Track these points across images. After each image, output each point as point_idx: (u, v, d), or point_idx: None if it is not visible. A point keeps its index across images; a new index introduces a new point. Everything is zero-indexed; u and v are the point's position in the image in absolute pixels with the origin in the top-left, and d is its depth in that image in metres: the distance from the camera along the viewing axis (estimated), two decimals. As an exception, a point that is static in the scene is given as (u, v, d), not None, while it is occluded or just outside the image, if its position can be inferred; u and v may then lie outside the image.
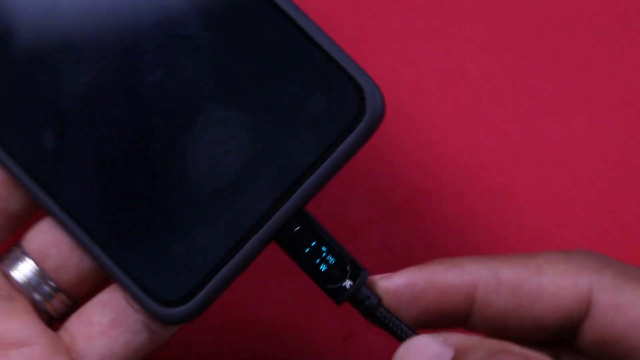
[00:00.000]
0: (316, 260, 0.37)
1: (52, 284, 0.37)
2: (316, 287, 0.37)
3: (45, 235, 0.36)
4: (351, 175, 0.46)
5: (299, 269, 0.37)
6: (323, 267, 0.37)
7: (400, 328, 0.36)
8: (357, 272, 0.37)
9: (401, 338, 0.36)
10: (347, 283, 0.37)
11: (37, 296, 0.37)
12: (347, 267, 0.37)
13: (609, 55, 0.48)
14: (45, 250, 0.36)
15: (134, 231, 0.36)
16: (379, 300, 0.37)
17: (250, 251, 0.36)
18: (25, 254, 0.37)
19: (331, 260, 0.37)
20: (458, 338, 0.34)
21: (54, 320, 0.38)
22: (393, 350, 0.35)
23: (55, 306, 0.37)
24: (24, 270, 0.36)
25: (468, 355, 0.33)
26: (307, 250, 0.36)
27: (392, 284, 0.37)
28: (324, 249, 0.37)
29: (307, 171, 0.36)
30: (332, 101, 0.36)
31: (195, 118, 0.36)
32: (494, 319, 0.36)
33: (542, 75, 0.47)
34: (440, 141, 0.47)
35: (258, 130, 0.36)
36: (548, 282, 0.36)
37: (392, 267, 0.38)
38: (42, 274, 0.36)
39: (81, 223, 0.36)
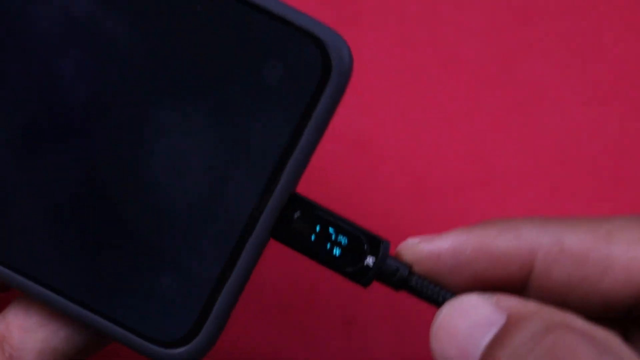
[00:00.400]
0: (326, 245, 0.32)
1: None
2: (316, 272, 0.34)
3: None
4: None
5: (305, 259, 0.32)
6: (337, 251, 0.32)
7: (440, 295, 0.32)
8: (377, 245, 0.32)
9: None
10: (369, 260, 0.32)
11: None
12: (364, 243, 0.32)
13: (607, 52, 0.47)
14: None
15: (111, 278, 0.31)
16: (410, 268, 0.32)
17: (247, 262, 0.31)
18: None
19: (343, 240, 0.32)
20: (513, 303, 0.29)
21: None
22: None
23: None
24: None
25: (521, 326, 0.28)
26: (313, 237, 0.32)
27: (434, 248, 0.32)
28: (331, 230, 0.32)
29: (286, 150, 0.31)
30: (291, 65, 0.31)
31: (144, 129, 0.31)
32: (554, 293, 0.32)
33: (538, 68, 0.47)
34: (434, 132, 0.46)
35: (218, 122, 0.31)
36: (620, 252, 0.31)
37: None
38: None
39: (52, 287, 0.31)
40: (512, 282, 0.32)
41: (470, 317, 0.29)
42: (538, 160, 0.46)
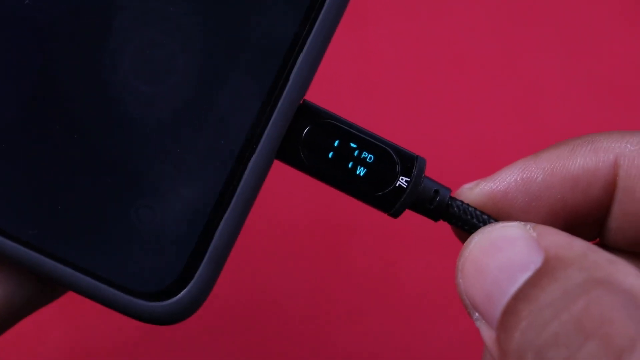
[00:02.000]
0: (348, 164, 0.25)
1: None
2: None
3: None
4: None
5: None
6: (361, 171, 0.25)
7: (489, 221, 0.25)
8: (411, 162, 0.25)
9: None
10: (402, 180, 0.25)
11: None
12: (395, 159, 0.25)
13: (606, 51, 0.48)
14: None
15: (72, 212, 0.25)
16: (450, 191, 0.26)
17: (247, 190, 0.25)
18: None
19: (369, 157, 0.25)
20: (556, 240, 0.23)
21: None
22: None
23: None
24: None
25: (555, 277, 0.22)
26: (332, 154, 0.25)
27: (498, 185, 0.26)
28: (353, 145, 0.25)
29: (292, 48, 0.25)
30: None
31: (113, 17, 0.24)
32: (638, 220, 0.26)
33: (540, 68, 0.47)
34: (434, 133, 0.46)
35: (209, 10, 0.25)
36: None
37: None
38: None
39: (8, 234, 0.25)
40: (595, 209, 0.26)
41: (503, 253, 0.23)
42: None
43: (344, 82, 0.46)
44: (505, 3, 0.47)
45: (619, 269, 0.22)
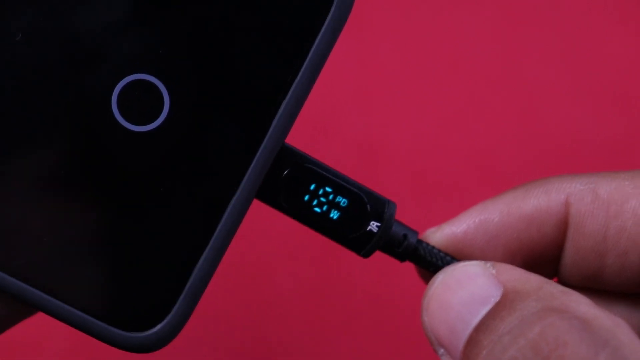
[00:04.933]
0: (323, 207, 0.26)
1: None
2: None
3: None
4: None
5: (302, 227, 0.27)
6: (334, 214, 0.27)
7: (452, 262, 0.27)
8: (381, 207, 0.27)
9: None
10: (373, 225, 0.27)
11: None
12: (367, 205, 0.27)
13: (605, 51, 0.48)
14: None
15: (59, 249, 0.26)
16: (418, 234, 0.28)
17: (228, 228, 0.26)
18: None
19: (343, 201, 0.27)
20: (513, 275, 0.25)
21: None
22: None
23: None
24: None
25: (513, 307, 0.24)
26: (307, 197, 0.27)
27: (458, 228, 0.28)
28: (328, 189, 0.27)
29: (275, 92, 0.26)
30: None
31: (100, 69, 0.25)
32: (590, 254, 0.27)
33: (540, 70, 0.47)
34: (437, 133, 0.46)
35: (191, 56, 0.26)
36: None
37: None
38: None
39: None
40: (550, 247, 0.28)
41: (465, 290, 0.25)
42: (539, 160, 0.46)
43: (343, 90, 0.47)
44: (504, 8, 0.48)
45: (573, 299, 0.24)
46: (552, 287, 0.24)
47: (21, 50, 0.25)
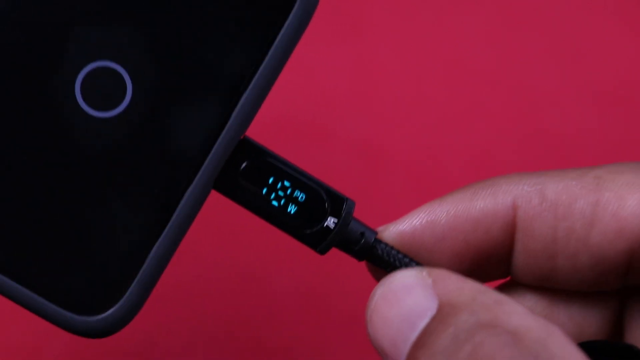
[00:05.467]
0: (281, 200, 0.26)
1: None
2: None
3: None
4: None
5: (259, 220, 0.27)
6: (292, 209, 0.27)
7: (410, 264, 0.26)
8: (340, 204, 0.27)
9: None
10: (330, 221, 0.26)
11: None
12: (325, 201, 0.27)
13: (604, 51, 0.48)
14: None
15: (9, 225, 0.26)
16: (376, 234, 0.27)
17: (183, 218, 0.26)
18: None
19: (301, 196, 0.27)
20: (449, 286, 0.24)
21: None
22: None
23: None
24: None
25: (449, 320, 0.24)
26: (265, 190, 0.26)
27: (404, 227, 0.28)
28: (287, 183, 0.27)
29: (238, 82, 0.26)
30: None
31: (64, 49, 0.26)
32: (540, 256, 0.27)
33: (539, 71, 0.47)
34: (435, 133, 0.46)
35: (156, 39, 0.26)
36: (609, 197, 0.26)
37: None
38: None
39: None
40: (498, 250, 0.28)
41: (402, 303, 0.25)
42: (538, 161, 0.46)
43: (342, 91, 0.47)
44: (503, 9, 0.48)
45: (505, 309, 0.23)
46: (485, 298, 0.24)
47: None
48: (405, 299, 0.25)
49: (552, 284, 0.28)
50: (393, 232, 0.28)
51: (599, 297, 0.28)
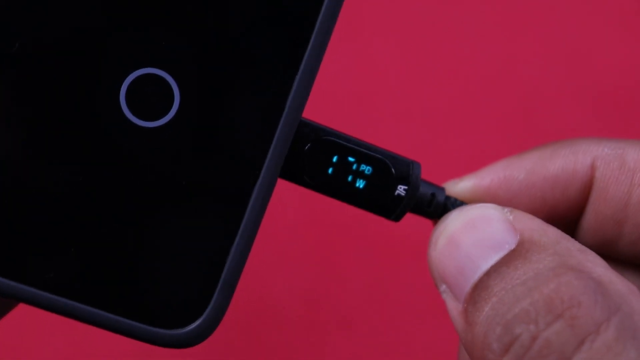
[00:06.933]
0: (348, 177, 0.26)
1: None
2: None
3: None
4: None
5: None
6: (360, 184, 0.26)
7: None
8: (406, 169, 0.26)
9: None
10: (401, 189, 0.26)
11: None
12: (392, 169, 0.26)
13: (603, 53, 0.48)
14: None
15: (89, 254, 0.26)
16: (445, 191, 0.27)
17: (255, 213, 0.26)
18: None
19: (367, 169, 0.26)
20: (531, 225, 0.24)
21: None
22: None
23: None
24: None
25: (529, 259, 0.23)
26: (331, 170, 0.26)
27: (481, 181, 0.27)
28: (350, 159, 0.27)
29: (287, 71, 0.26)
30: None
31: (116, 63, 0.25)
32: (609, 222, 0.27)
33: (537, 72, 0.47)
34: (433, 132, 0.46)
35: (206, 48, 0.25)
36: None
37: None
38: None
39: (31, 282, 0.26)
40: (572, 209, 0.27)
41: (479, 231, 0.24)
42: None
43: (341, 89, 0.47)
44: (503, 10, 0.48)
45: (589, 259, 0.23)
46: (569, 244, 0.24)
47: (29, 45, 0.25)
48: (483, 227, 0.24)
49: (612, 253, 0.27)
50: (467, 185, 0.28)
51: None
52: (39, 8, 0.25)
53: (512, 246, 0.24)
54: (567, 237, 0.24)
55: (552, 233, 0.24)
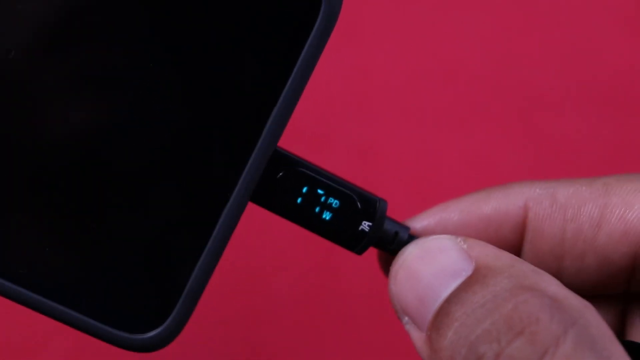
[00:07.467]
0: (315, 209, 0.27)
1: None
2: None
3: None
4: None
5: (297, 230, 0.28)
6: (327, 215, 0.28)
7: None
8: (372, 206, 0.28)
9: None
10: (365, 225, 0.28)
11: None
12: (358, 204, 0.28)
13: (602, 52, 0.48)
14: None
15: (64, 259, 0.27)
16: (409, 230, 0.28)
17: (224, 232, 0.27)
18: None
19: (335, 202, 0.28)
20: (486, 252, 0.25)
21: None
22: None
23: None
24: None
25: (486, 283, 0.24)
26: (300, 200, 0.27)
27: (418, 224, 0.29)
28: (320, 191, 0.28)
29: (267, 98, 0.27)
30: (272, 6, 0.27)
31: (101, 81, 0.27)
32: (548, 256, 0.28)
33: (537, 74, 0.48)
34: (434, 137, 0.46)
35: (187, 68, 0.27)
36: (617, 202, 0.27)
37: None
38: None
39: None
40: (507, 249, 0.29)
41: (436, 261, 0.26)
42: (538, 164, 0.47)
43: (341, 94, 0.47)
44: (502, 11, 0.49)
45: (544, 279, 0.24)
46: (523, 266, 0.25)
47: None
48: (439, 258, 0.25)
49: None
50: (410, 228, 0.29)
51: (602, 301, 0.29)
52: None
53: (469, 272, 0.25)
54: (521, 260, 0.25)
55: (506, 257, 0.25)
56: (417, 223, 0.29)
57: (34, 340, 0.45)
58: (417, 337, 0.25)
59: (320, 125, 0.47)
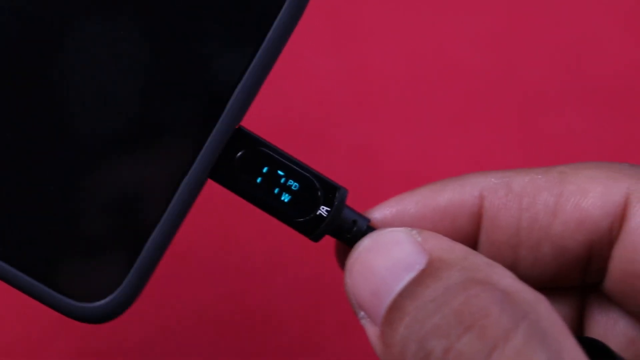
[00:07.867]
0: (274, 190, 0.27)
1: None
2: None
3: None
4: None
5: (254, 208, 0.28)
6: (285, 197, 0.27)
7: None
8: (332, 192, 0.27)
9: None
10: (323, 210, 0.27)
11: None
12: (318, 189, 0.27)
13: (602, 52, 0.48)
14: None
15: (15, 217, 0.27)
16: (369, 221, 0.28)
17: (179, 207, 0.27)
18: None
19: (294, 185, 0.27)
20: (440, 244, 0.25)
21: None
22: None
23: None
24: None
25: (437, 276, 0.24)
26: (260, 180, 0.27)
27: (377, 215, 0.28)
28: (280, 172, 0.27)
29: (232, 75, 0.27)
30: None
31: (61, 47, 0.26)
32: (504, 246, 0.28)
33: (536, 74, 0.48)
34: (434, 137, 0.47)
35: (149, 38, 0.27)
36: (572, 190, 0.27)
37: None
38: None
39: None
40: (464, 239, 0.28)
41: (390, 255, 0.25)
42: (536, 162, 0.45)
43: (339, 93, 0.47)
44: (501, 11, 0.48)
45: (497, 271, 0.24)
46: (476, 259, 0.25)
47: None
48: (393, 251, 0.25)
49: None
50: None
51: (560, 294, 0.29)
52: None
53: (422, 266, 0.25)
54: (475, 252, 0.25)
55: (460, 250, 0.25)
56: (375, 214, 0.29)
57: (34, 340, 0.45)
58: (372, 332, 0.25)
59: (319, 125, 0.46)
